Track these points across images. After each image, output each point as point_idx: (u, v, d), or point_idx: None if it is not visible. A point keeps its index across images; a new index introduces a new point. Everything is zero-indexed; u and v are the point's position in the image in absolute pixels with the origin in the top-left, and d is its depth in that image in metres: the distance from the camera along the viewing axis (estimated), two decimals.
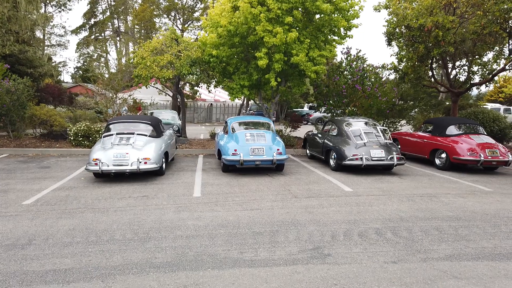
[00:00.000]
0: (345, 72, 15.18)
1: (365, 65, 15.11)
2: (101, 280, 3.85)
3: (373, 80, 14.75)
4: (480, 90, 23.09)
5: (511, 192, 8.12)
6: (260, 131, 10.00)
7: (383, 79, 15.30)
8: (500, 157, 10.06)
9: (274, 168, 9.94)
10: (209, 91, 17.11)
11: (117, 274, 3.99)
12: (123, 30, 50.24)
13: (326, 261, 4.39)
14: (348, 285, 3.83)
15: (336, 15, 12.88)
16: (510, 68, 14.87)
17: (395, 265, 4.31)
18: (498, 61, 15.29)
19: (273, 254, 4.57)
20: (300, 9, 12.35)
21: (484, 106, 22.56)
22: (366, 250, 4.76)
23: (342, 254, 4.62)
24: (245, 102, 32.93)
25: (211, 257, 4.46)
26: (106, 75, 19.98)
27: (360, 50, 15.54)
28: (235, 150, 9.23)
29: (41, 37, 36.19)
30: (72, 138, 12.96)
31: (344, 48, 16.10)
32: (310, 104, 34.02)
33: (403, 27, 14.16)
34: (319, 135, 11.80)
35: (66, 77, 62.64)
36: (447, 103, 22.46)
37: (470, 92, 25.17)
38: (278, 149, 9.41)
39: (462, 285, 3.87)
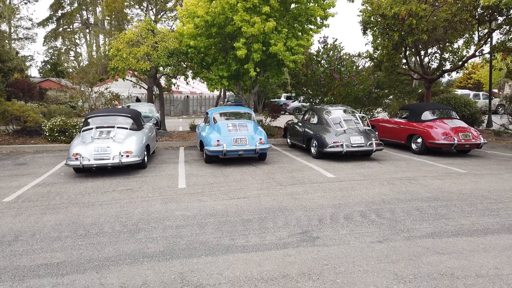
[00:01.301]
0: (323, 61, 15.37)
1: (341, 54, 15.34)
2: (95, 272, 3.85)
3: (349, 68, 15.01)
4: (451, 77, 23.83)
5: (484, 173, 8.52)
6: (242, 121, 10.04)
7: (359, 68, 15.59)
8: (473, 140, 10.49)
9: (256, 157, 9.99)
10: (187, 83, 16.94)
11: (111, 265, 3.99)
12: (92, 22, 48.78)
13: (315, 244, 4.53)
14: (338, 264, 3.98)
15: (312, 4, 13.00)
16: (480, 54, 15.43)
17: (381, 244, 4.50)
18: (468, 48, 15.85)
19: (263, 239, 4.67)
20: None
21: (454, 92, 23.36)
22: (353, 231, 4.93)
23: (330, 236, 4.77)
24: (222, 93, 32.80)
25: (203, 245, 4.52)
26: (78, 70, 19.44)
27: (336, 39, 15.75)
28: (218, 140, 9.23)
29: (7, 30, 34.72)
30: (47, 134, 12.61)
31: (321, 37, 16.25)
32: (287, 94, 34.25)
33: (378, 15, 14.43)
34: (300, 124, 11.96)
35: (33, 72, 60.37)
36: (420, 90, 23.10)
37: (440, 79, 25.99)
38: (260, 139, 9.47)
39: (445, 259, 4.09)
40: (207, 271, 3.86)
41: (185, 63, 14.57)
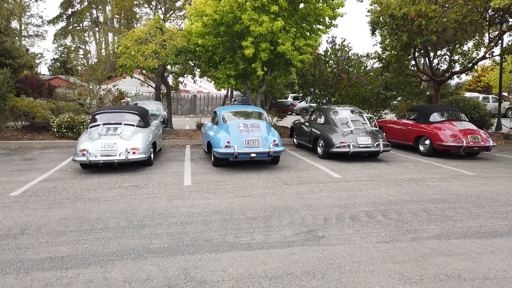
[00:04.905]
0: (331, 61, 15.30)
1: (350, 54, 15.26)
2: (99, 266, 3.85)
3: (357, 69, 14.93)
4: (460, 79, 23.62)
5: (493, 176, 8.41)
6: (254, 121, 9.33)
7: (367, 68, 15.50)
8: (482, 143, 10.37)
9: (269, 161, 9.38)
10: (194, 81, 16.97)
11: (115, 260, 3.99)
12: (102, 21, 49.10)
13: (320, 243, 4.50)
14: (343, 264, 3.94)
15: (321, 4, 12.93)
16: (490, 56, 15.26)
17: (387, 245, 4.45)
18: (478, 50, 15.68)
19: (268, 238, 4.64)
20: None
21: (463, 95, 23.13)
22: (359, 231, 4.88)
23: (335, 235, 4.73)
24: (229, 92, 32.82)
25: (207, 242, 4.50)
26: (87, 67, 19.57)
27: (345, 39, 15.67)
28: (228, 142, 8.51)
29: (18, 27, 35.09)
30: (55, 130, 12.73)
31: (329, 37, 16.18)
32: (294, 94, 34.15)
33: (386, 16, 14.33)
34: (306, 124, 11.91)
35: (43, 69, 60.96)
36: (428, 92, 22.91)
37: (449, 82, 25.76)
38: (274, 140, 8.75)
39: (452, 261, 4.03)
40: (211, 267, 3.84)
41: (193, 62, 14.60)
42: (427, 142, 11.02)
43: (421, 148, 11.25)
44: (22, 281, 3.55)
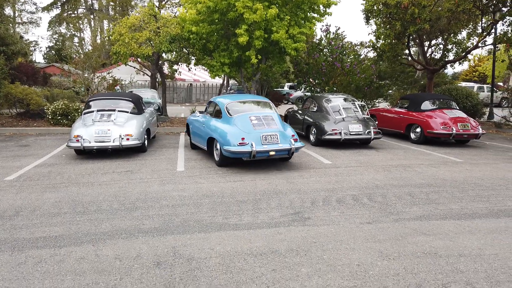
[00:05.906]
0: (325, 50, 15.35)
1: (344, 43, 15.31)
2: (91, 244, 4.00)
3: (351, 57, 15.00)
4: (454, 68, 23.72)
5: (480, 162, 8.60)
6: (266, 112, 8.07)
7: (361, 57, 15.57)
8: (471, 131, 10.54)
9: (283, 159, 8.22)
10: (189, 69, 16.98)
11: (107, 239, 4.14)
12: (97, 8, 48.58)
13: (306, 224, 4.66)
14: (326, 242, 4.11)
15: None
16: (483, 45, 15.36)
17: (370, 225, 4.62)
18: (471, 39, 15.76)
19: (256, 219, 4.81)
20: None
21: (459, 85, 23.24)
22: (344, 213, 5.05)
23: (321, 217, 4.90)
24: (225, 81, 32.77)
25: (197, 223, 4.66)
26: (82, 55, 19.48)
27: (339, 28, 15.71)
28: (243, 138, 7.18)
29: (11, 14, 34.73)
30: (50, 117, 12.78)
31: (323, 26, 16.21)
32: (290, 83, 34.16)
33: (380, 4, 14.35)
34: (300, 112, 12.03)
35: (38, 57, 60.36)
36: (422, 81, 23.01)
37: (446, 72, 25.85)
38: (293, 135, 7.65)
39: (430, 240, 4.21)
40: (199, 246, 4.00)
41: (187, 49, 14.60)
42: (418, 130, 11.18)
43: (412, 136, 11.42)
44: (17, 258, 3.69)
